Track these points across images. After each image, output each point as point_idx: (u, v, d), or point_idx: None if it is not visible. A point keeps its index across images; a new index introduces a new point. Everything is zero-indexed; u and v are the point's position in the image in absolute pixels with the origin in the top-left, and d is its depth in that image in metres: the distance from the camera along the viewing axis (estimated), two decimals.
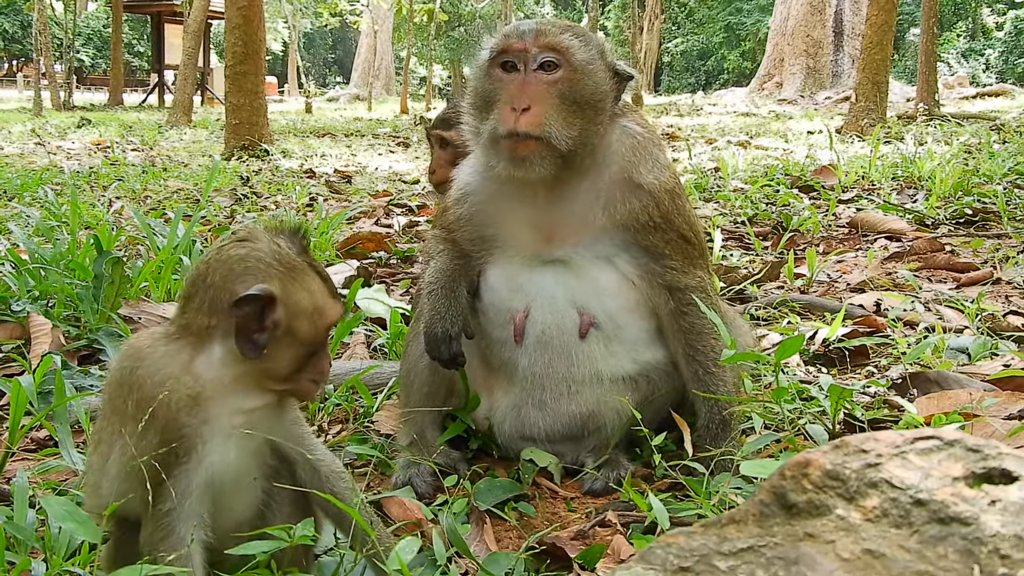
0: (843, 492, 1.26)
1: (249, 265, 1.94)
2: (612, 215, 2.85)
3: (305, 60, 68.00)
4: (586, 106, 2.78)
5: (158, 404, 1.85)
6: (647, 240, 2.87)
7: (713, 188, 9.56)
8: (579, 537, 2.51)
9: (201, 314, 1.93)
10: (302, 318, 1.97)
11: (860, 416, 3.09)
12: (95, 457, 1.97)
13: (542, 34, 2.77)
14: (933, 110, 20.55)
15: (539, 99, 2.73)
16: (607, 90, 2.83)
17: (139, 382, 1.90)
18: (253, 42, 14.96)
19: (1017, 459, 1.21)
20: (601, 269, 2.89)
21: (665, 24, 68.99)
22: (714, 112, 32.51)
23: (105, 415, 1.97)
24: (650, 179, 2.88)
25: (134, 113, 32.44)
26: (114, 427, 1.92)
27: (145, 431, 1.86)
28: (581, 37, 2.82)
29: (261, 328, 1.92)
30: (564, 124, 2.73)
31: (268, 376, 1.98)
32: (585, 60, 2.78)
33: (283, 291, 1.93)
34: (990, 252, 6.01)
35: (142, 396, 1.88)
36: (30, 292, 4.54)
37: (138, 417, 1.86)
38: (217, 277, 1.93)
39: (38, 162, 13.59)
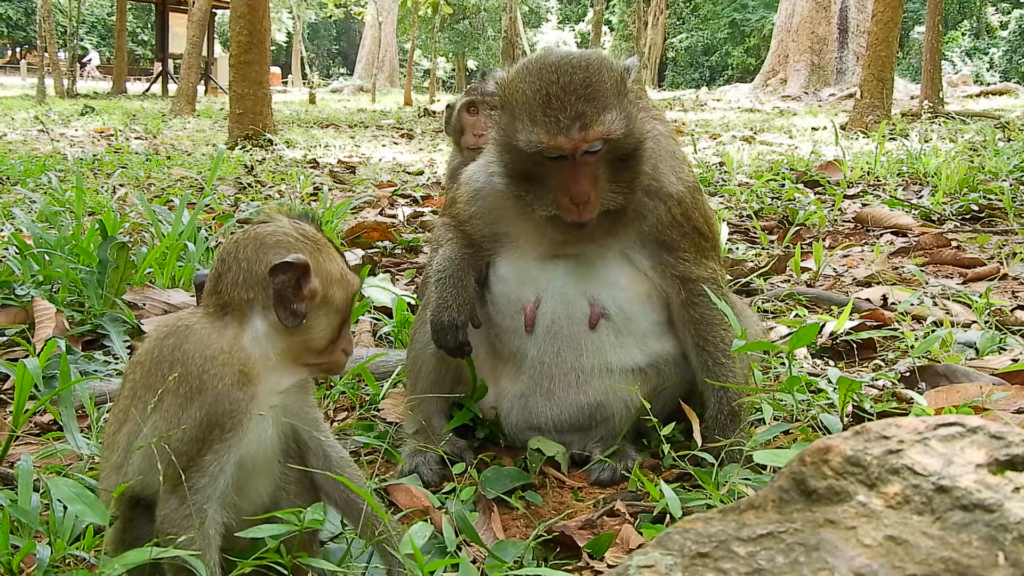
0: (864, 478, 1.24)
1: (279, 239, 1.99)
2: (640, 224, 2.86)
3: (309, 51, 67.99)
4: (633, 155, 2.72)
5: (209, 378, 1.87)
6: (665, 235, 2.87)
7: (718, 182, 9.53)
8: (587, 526, 2.50)
9: (238, 288, 1.96)
10: (335, 286, 2.03)
11: (869, 409, 3.08)
12: (120, 436, 1.95)
13: (587, 127, 2.60)
14: (937, 108, 20.48)
15: (591, 183, 2.68)
16: (639, 118, 2.74)
17: (185, 357, 1.90)
18: (258, 31, 14.92)
19: None
20: (614, 262, 2.88)
21: (670, 19, 68.80)
22: (718, 108, 32.46)
23: (134, 394, 1.95)
24: (677, 185, 2.88)
25: (137, 102, 32.39)
26: (147, 405, 1.91)
27: (188, 405, 1.87)
28: (608, 100, 2.65)
29: (299, 297, 1.96)
30: (614, 189, 2.72)
31: (308, 348, 2.02)
32: (625, 124, 2.66)
33: (314, 261, 1.98)
34: (996, 248, 5.98)
35: (188, 371, 1.89)
36: (34, 277, 4.53)
37: (181, 391, 1.87)
38: (249, 251, 1.97)
39: (41, 149, 13.56)
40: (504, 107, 2.78)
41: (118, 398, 2.04)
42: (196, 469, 1.85)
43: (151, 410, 1.88)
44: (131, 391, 1.96)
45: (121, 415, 1.98)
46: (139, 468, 1.89)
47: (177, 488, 1.84)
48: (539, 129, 2.63)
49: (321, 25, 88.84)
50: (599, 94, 2.63)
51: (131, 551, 1.78)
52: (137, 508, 1.94)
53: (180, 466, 1.83)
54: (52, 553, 2.15)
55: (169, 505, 1.85)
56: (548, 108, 2.62)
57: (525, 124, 2.66)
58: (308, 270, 1.96)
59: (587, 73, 2.65)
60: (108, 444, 2.01)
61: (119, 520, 1.96)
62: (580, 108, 2.60)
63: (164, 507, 1.85)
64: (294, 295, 1.95)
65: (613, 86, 2.67)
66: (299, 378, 2.07)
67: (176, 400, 1.87)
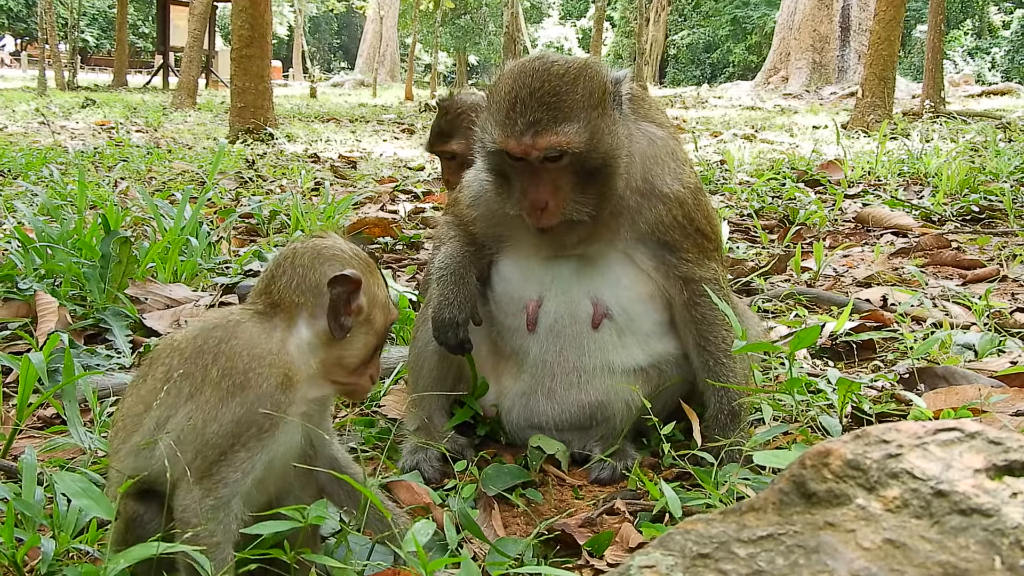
0: (864, 482, 1.26)
1: (336, 254, 2.09)
2: (636, 224, 2.86)
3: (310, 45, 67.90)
4: (601, 169, 2.70)
5: (255, 376, 1.93)
6: (667, 236, 2.88)
7: (719, 181, 9.55)
8: (587, 524, 2.52)
9: (290, 292, 2.04)
10: (378, 308, 2.13)
11: (868, 410, 3.09)
12: (147, 419, 1.97)
13: (540, 134, 2.61)
14: (939, 107, 20.49)
15: (551, 193, 2.69)
16: (616, 136, 2.71)
17: (232, 352, 1.95)
18: (260, 25, 14.92)
19: None
20: (617, 262, 2.89)
21: (671, 16, 68.74)
22: (719, 105, 32.44)
23: (168, 378, 1.97)
24: (676, 186, 2.88)
25: (138, 94, 32.37)
26: (181, 392, 1.94)
27: (228, 400, 1.91)
28: (573, 110, 2.64)
29: (347, 311, 2.05)
30: (580, 200, 2.71)
31: (341, 364, 2.10)
32: (586, 138, 2.64)
33: (365, 281, 2.08)
34: (996, 249, 6.00)
35: (234, 366, 1.93)
36: (36, 271, 4.54)
37: (223, 385, 1.91)
38: (306, 259, 2.07)
39: (42, 141, 13.57)
40: (486, 105, 2.82)
41: (142, 379, 2.06)
42: (226, 463, 1.89)
43: (186, 398, 1.92)
44: (164, 375, 1.98)
45: (148, 397, 1.99)
46: (166, 454, 1.90)
47: (204, 480, 1.87)
48: (498, 130, 2.68)
49: (322, 19, 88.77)
50: (563, 104, 2.63)
51: (137, 546, 1.79)
52: (144, 502, 1.95)
53: (210, 459, 1.87)
54: (56, 547, 2.17)
55: (192, 496, 1.87)
56: (511, 111, 2.65)
57: (491, 124, 2.72)
58: (360, 287, 2.05)
59: (558, 82, 2.65)
60: (126, 426, 2.02)
61: (124, 515, 1.97)
62: (537, 115, 2.62)
63: (186, 497, 1.87)
64: (344, 308, 2.04)
65: (584, 98, 2.65)
66: (327, 393, 2.14)
67: (217, 393, 1.91)
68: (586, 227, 2.80)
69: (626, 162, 2.77)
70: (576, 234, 2.82)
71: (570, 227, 2.77)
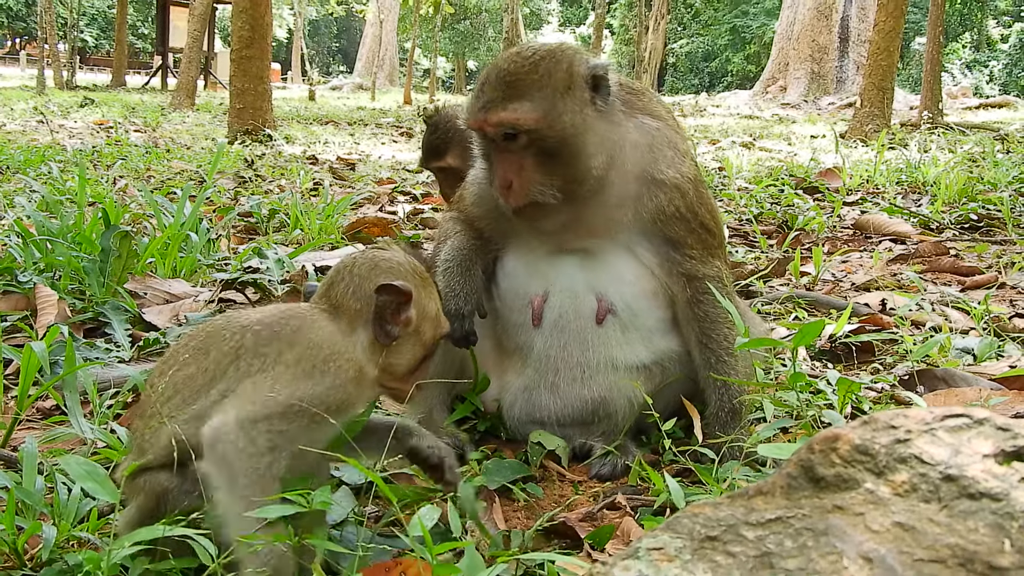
0: (872, 467, 1.26)
1: (392, 266, 2.22)
2: (638, 213, 2.86)
3: (309, 48, 67.88)
4: (561, 151, 2.71)
5: (335, 367, 2.04)
6: (671, 230, 2.88)
7: (718, 187, 9.56)
8: (588, 519, 2.52)
9: (347, 298, 2.17)
10: (427, 322, 2.26)
11: (868, 410, 3.10)
12: (213, 391, 2.01)
13: (491, 110, 2.70)
14: (937, 119, 20.55)
15: (516, 171, 2.73)
16: (579, 120, 2.72)
17: (311, 343, 2.05)
18: (260, 27, 14.94)
19: None
20: (621, 258, 2.89)
21: (671, 24, 68.82)
22: (717, 114, 32.52)
23: (237, 356, 2.03)
24: (672, 173, 2.87)
25: (137, 95, 32.37)
26: (250, 369, 2.01)
27: (304, 380, 1.99)
28: (529, 90, 2.69)
29: (395, 320, 2.17)
30: (544, 182, 2.73)
31: (389, 371, 2.21)
32: (539, 116, 2.67)
33: (417, 294, 2.20)
34: (995, 257, 6.02)
35: (314, 354, 2.03)
36: (36, 264, 4.53)
37: (299, 367, 2.00)
38: (364, 269, 2.20)
39: (40, 140, 13.56)
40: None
41: (202, 352, 2.08)
42: (283, 417, 1.94)
43: (255, 373, 1.99)
44: (233, 352, 2.04)
45: (213, 369, 2.03)
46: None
47: (259, 422, 1.91)
48: (465, 107, 2.83)
49: (322, 22, 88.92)
50: (518, 84, 2.69)
51: (141, 529, 1.79)
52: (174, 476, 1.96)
53: (268, 408, 1.93)
54: (57, 534, 2.16)
55: (236, 429, 1.89)
56: (477, 90, 2.78)
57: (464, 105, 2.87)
58: (410, 299, 2.17)
59: (520, 63, 2.72)
60: (185, 397, 2.03)
61: (151, 489, 1.98)
62: (493, 94, 2.71)
63: (231, 428, 1.89)
64: (392, 317, 2.17)
65: (541, 79, 2.70)
66: (376, 395, 2.27)
67: (291, 372, 1.99)
68: (566, 213, 2.81)
69: (609, 151, 2.78)
70: (555, 220, 2.81)
71: (545, 212, 2.78)
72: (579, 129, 2.71)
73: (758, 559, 1.19)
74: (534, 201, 2.74)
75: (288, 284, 4.73)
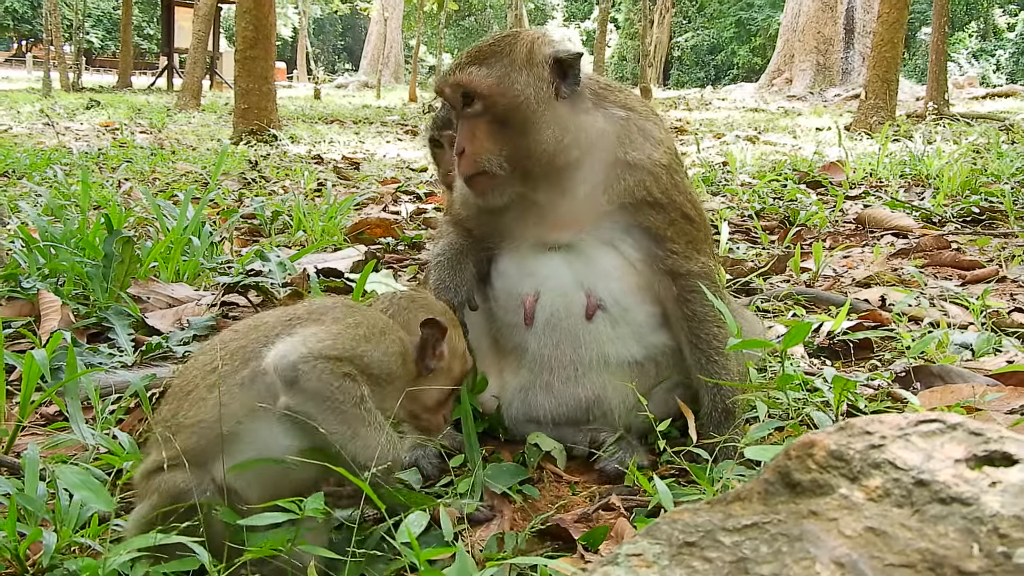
0: (847, 472, 1.28)
1: (429, 303, 2.50)
2: (611, 196, 2.88)
3: (314, 46, 67.99)
4: (511, 121, 2.78)
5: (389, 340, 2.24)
6: (649, 220, 2.88)
7: (721, 182, 9.57)
8: (583, 520, 2.54)
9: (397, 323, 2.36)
10: (457, 359, 2.45)
11: (863, 408, 3.12)
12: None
13: (451, 73, 2.84)
14: (943, 109, 20.48)
15: (469, 138, 2.81)
16: (532, 92, 2.78)
17: (365, 313, 2.27)
18: (264, 27, 14.99)
19: (1018, 442, 1.24)
20: (606, 253, 2.91)
21: (676, 17, 68.78)
22: (723, 107, 32.47)
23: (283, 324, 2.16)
24: (641, 156, 2.89)
25: (142, 96, 32.46)
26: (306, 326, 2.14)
27: (361, 341, 2.16)
28: (488, 59, 2.80)
29: (433, 354, 2.37)
30: (494, 151, 2.79)
31: (421, 402, 2.39)
32: (492, 82, 2.76)
33: (450, 331, 2.41)
34: (996, 251, 6.02)
35: (366, 321, 2.22)
36: (40, 270, 4.57)
37: (357, 331, 2.17)
38: (406, 302, 2.45)
39: (47, 142, 13.63)
40: None
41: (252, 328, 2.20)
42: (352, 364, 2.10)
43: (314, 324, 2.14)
44: (287, 319, 2.18)
45: (265, 334, 2.14)
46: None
47: (330, 357, 2.05)
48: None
49: (327, 21, 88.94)
50: (480, 54, 2.82)
51: (137, 536, 1.82)
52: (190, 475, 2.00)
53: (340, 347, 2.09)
54: (58, 540, 2.19)
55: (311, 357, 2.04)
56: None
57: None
58: (445, 335, 2.38)
59: (491, 39, 2.89)
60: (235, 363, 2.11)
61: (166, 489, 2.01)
62: (458, 62, 2.86)
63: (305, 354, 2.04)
64: (431, 351, 2.36)
65: (502, 52, 2.81)
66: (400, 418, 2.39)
67: (350, 331, 2.15)
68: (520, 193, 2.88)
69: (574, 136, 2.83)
70: (505, 194, 2.86)
71: (494, 184, 2.84)
72: (531, 102, 2.78)
73: (734, 564, 1.22)
74: (483, 171, 2.80)
75: (290, 287, 4.76)
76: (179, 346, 3.99)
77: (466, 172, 2.83)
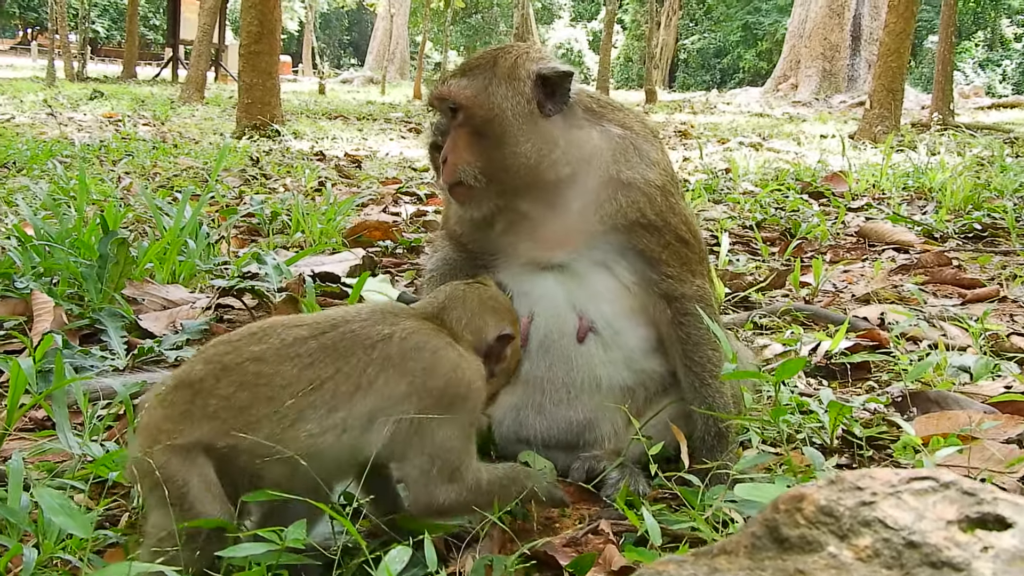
0: (836, 529, 1.25)
1: (498, 307, 2.50)
2: (603, 216, 2.84)
3: (321, 41, 67.95)
4: (488, 134, 2.77)
5: (473, 394, 2.27)
6: (643, 243, 2.85)
7: (723, 190, 9.53)
8: (571, 544, 2.51)
9: (462, 328, 2.39)
10: (515, 356, 2.52)
11: (858, 433, 3.09)
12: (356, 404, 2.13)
13: (438, 84, 2.87)
14: (948, 119, 20.46)
15: (452, 148, 2.81)
16: (508, 106, 2.76)
17: (452, 371, 2.24)
18: (269, 21, 14.96)
19: (1012, 505, 1.21)
20: (599, 274, 2.87)
21: (682, 20, 68.76)
22: (728, 111, 32.45)
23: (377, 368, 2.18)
24: (636, 175, 2.86)
25: (147, 87, 32.42)
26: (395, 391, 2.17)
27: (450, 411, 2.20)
28: (471, 71, 2.81)
29: (499, 360, 2.45)
30: (472, 162, 2.78)
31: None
32: (470, 94, 2.77)
33: (513, 335, 2.48)
34: (997, 268, 5.99)
35: (456, 383, 2.23)
36: (35, 269, 4.54)
37: (444, 401, 2.19)
38: (475, 305, 2.45)
39: (49, 133, 13.59)
40: None
41: (337, 354, 2.17)
42: (468, 456, 2.24)
43: (401, 399, 2.16)
44: (380, 362, 2.18)
45: (357, 378, 2.15)
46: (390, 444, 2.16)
47: (455, 478, 2.20)
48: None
49: (333, 15, 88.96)
50: (470, 68, 2.84)
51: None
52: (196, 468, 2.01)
53: (453, 461, 2.19)
54: (39, 555, 2.16)
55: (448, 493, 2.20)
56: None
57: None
58: (511, 341, 2.46)
59: (481, 53, 2.92)
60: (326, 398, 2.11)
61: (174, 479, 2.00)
62: (449, 74, 2.89)
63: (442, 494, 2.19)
64: (497, 358, 2.43)
65: (485, 66, 2.82)
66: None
67: (440, 407, 2.17)
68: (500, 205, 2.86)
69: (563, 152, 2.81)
70: (484, 207, 2.85)
71: (473, 196, 2.83)
72: (507, 116, 2.76)
73: None
74: (462, 181, 2.80)
75: (285, 292, 4.73)
76: (171, 351, 3.96)
77: (446, 181, 2.84)
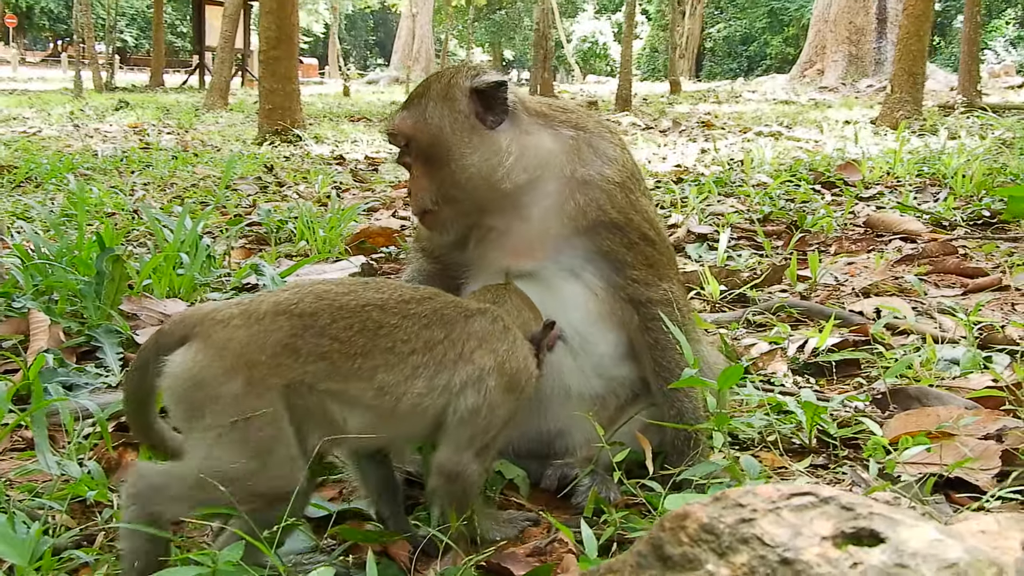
0: (716, 547, 1.26)
1: (533, 304, 2.73)
2: (564, 218, 2.84)
3: (346, 42, 68.27)
4: (434, 157, 2.80)
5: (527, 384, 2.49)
6: (607, 244, 2.84)
7: (736, 182, 9.48)
8: (535, 553, 2.53)
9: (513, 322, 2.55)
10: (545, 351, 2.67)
11: (833, 433, 3.09)
12: (456, 374, 2.35)
13: (386, 121, 2.94)
14: (974, 100, 20.18)
15: (412, 179, 2.87)
16: (447, 125, 2.79)
17: (521, 360, 2.47)
18: (286, 27, 15.08)
19: (887, 520, 1.21)
20: (567, 281, 2.87)
21: (708, 8, 68.33)
22: (752, 99, 32.21)
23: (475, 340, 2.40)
24: (592, 172, 2.86)
25: (173, 95, 32.76)
26: (463, 368, 2.36)
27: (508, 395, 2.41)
28: (412, 101, 2.85)
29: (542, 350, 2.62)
30: (430, 189, 2.82)
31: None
32: (411, 123, 2.82)
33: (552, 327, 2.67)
34: (1003, 256, 5.92)
35: (518, 371, 2.44)
36: (36, 287, 4.62)
37: (505, 383, 2.39)
38: (519, 301, 2.69)
39: (74, 145, 13.78)
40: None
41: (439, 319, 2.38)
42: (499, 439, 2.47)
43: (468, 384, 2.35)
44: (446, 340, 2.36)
45: (459, 345, 2.38)
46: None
47: (482, 454, 2.40)
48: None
49: (358, 16, 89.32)
50: (410, 100, 2.88)
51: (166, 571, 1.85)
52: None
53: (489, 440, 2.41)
54: None
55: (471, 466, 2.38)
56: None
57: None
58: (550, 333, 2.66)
59: (419, 84, 2.97)
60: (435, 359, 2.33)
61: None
62: (396, 110, 2.94)
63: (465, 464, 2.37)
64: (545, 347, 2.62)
65: (425, 92, 2.86)
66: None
67: (501, 391, 2.38)
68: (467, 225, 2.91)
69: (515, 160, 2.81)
70: (453, 229, 2.91)
71: (440, 221, 2.88)
72: (447, 135, 2.79)
73: None
74: (427, 209, 2.85)
75: None
76: None
77: (414, 212, 2.89)
